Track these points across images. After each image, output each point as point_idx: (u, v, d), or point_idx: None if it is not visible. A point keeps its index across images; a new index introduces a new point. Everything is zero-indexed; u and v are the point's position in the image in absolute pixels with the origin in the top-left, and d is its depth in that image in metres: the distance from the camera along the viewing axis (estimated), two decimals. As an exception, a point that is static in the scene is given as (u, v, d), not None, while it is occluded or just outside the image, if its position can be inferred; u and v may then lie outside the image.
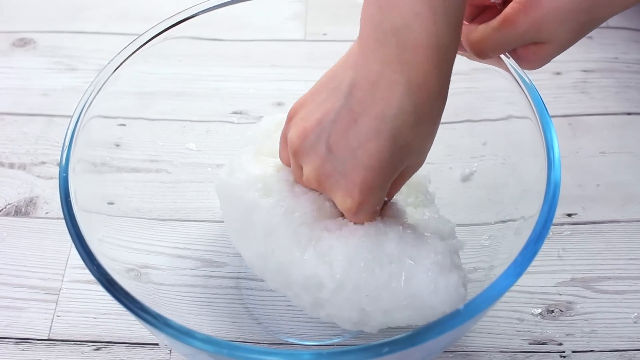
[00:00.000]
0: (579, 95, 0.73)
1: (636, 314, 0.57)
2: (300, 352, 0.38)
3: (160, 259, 0.57)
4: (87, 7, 0.83)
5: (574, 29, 0.45)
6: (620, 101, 0.72)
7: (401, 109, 0.39)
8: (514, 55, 0.49)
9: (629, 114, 0.71)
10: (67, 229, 0.44)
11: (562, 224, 0.62)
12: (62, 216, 0.45)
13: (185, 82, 0.65)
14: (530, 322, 0.57)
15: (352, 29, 0.43)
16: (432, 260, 0.45)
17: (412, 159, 0.42)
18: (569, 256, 0.61)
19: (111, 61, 0.53)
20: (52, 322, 0.57)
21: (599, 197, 0.64)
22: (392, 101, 0.39)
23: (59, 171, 0.47)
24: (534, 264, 0.41)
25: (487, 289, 0.40)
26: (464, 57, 0.51)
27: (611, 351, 0.55)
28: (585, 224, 0.63)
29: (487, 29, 0.47)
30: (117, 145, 0.59)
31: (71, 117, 0.50)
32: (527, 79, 0.49)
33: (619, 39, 0.77)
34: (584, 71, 0.75)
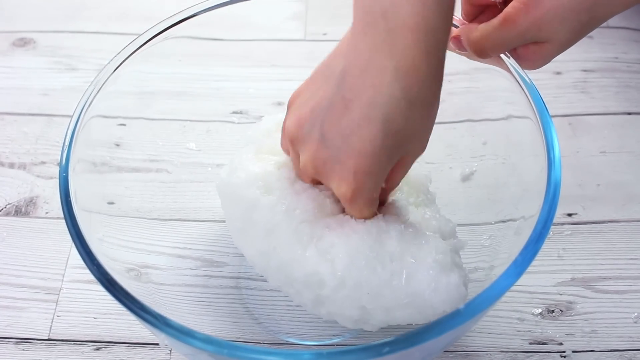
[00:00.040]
0: (579, 95, 0.73)
1: (636, 314, 0.57)
2: (300, 352, 0.38)
3: (160, 258, 0.57)
4: (87, 6, 0.83)
5: (575, 28, 0.45)
6: (620, 101, 0.72)
7: (391, 95, 0.38)
8: (515, 54, 0.49)
9: (629, 114, 0.71)
10: (67, 229, 0.44)
11: (563, 224, 0.62)
12: (62, 216, 0.45)
13: (185, 82, 0.65)
14: (530, 322, 0.57)
15: (352, 29, 0.43)
16: (434, 259, 0.45)
17: (411, 144, 0.41)
18: (569, 256, 0.60)
19: (111, 61, 0.53)
20: (52, 322, 0.57)
21: (599, 196, 0.64)
22: (381, 87, 0.38)
23: (59, 171, 0.47)
24: (534, 263, 0.41)
25: (488, 288, 0.40)
26: (464, 56, 0.51)
27: (611, 351, 0.55)
28: (585, 223, 0.63)
29: (488, 27, 0.47)
30: (117, 145, 0.59)
31: (71, 116, 0.50)
32: (527, 79, 0.49)
33: (619, 38, 0.77)
34: (584, 71, 0.75)
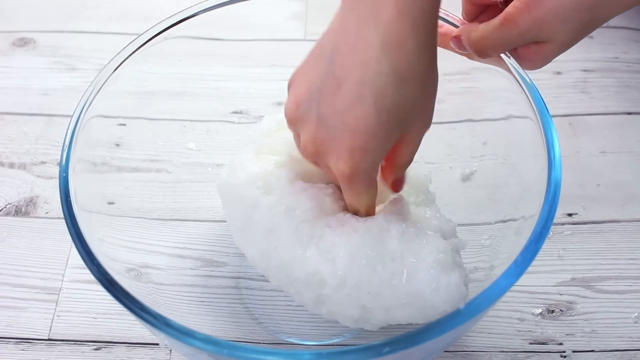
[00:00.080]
0: (579, 95, 0.73)
1: (636, 314, 0.57)
2: (300, 352, 0.38)
3: (160, 258, 0.57)
4: (87, 6, 0.83)
5: (576, 28, 0.45)
6: (620, 101, 0.72)
7: (379, 71, 0.38)
8: (515, 54, 0.49)
9: (629, 114, 0.71)
10: (67, 229, 0.44)
11: (563, 224, 0.62)
12: (62, 216, 0.45)
13: (185, 82, 0.65)
14: (530, 322, 0.57)
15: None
16: (434, 258, 0.45)
17: (410, 120, 0.41)
18: (570, 256, 0.60)
19: (111, 61, 0.53)
20: (52, 322, 0.57)
21: (599, 196, 0.64)
22: (369, 63, 0.38)
23: (59, 171, 0.47)
24: (534, 263, 0.41)
25: (488, 288, 0.40)
26: (464, 56, 0.51)
27: (611, 351, 0.55)
28: (585, 223, 0.63)
29: (488, 27, 0.47)
30: (117, 145, 0.59)
31: (71, 116, 0.50)
32: (527, 79, 0.49)
33: (619, 38, 0.77)
34: (584, 71, 0.75)
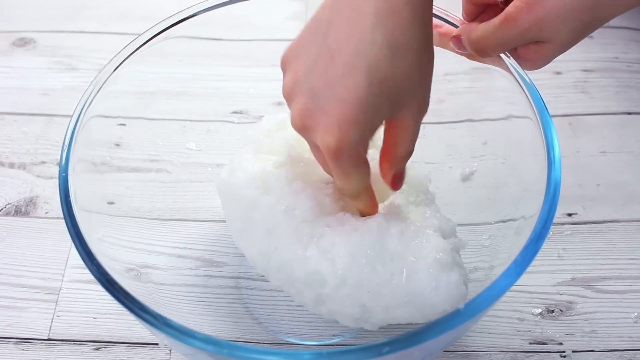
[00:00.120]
0: (579, 94, 0.73)
1: (636, 314, 0.57)
2: (300, 352, 0.38)
3: (160, 258, 0.57)
4: (87, 6, 0.83)
5: (576, 28, 0.45)
6: (620, 101, 0.72)
7: (373, 40, 0.38)
8: (515, 54, 0.49)
9: (629, 114, 0.71)
10: (67, 229, 0.44)
11: (563, 224, 0.62)
12: (62, 216, 0.45)
13: (185, 82, 0.65)
14: (530, 322, 0.57)
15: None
16: (434, 257, 0.45)
17: (403, 98, 0.40)
18: (569, 256, 0.60)
19: (111, 61, 0.53)
20: (52, 322, 0.57)
21: (599, 196, 0.64)
22: (364, 33, 0.38)
23: (59, 171, 0.47)
24: (534, 263, 0.41)
25: (488, 288, 0.40)
26: (465, 56, 0.51)
27: (611, 351, 0.55)
28: (585, 223, 0.63)
29: (488, 27, 0.47)
30: (117, 145, 0.59)
31: (71, 116, 0.50)
32: (527, 79, 0.49)
33: (619, 38, 0.77)
34: (584, 71, 0.75)
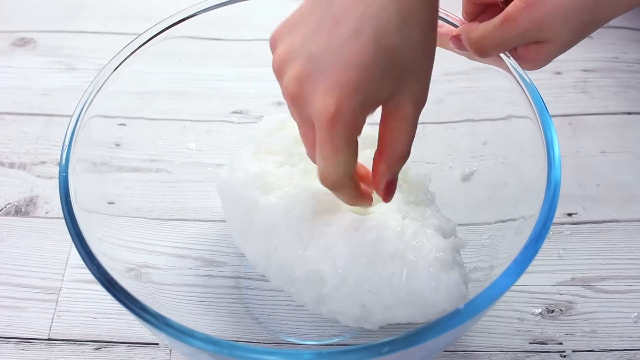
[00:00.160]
0: (579, 94, 0.73)
1: (636, 314, 0.57)
2: (300, 352, 0.38)
3: (160, 258, 0.57)
4: (87, 6, 0.83)
5: (577, 28, 0.45)
6: (620, 101, 0.72)
7: (383, 7, 0.37)
8: (515, 54, 0.49)
9: (629, 114, 0.71)
10: (67, 229, 0.44)
11: (563, 224, 0.62)
12: (62, 216, 0.45)
13: (185, 82, 0.64)
14: (530, 322, 0.57)
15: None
16: (434, 257, 0.45)
17: (406, 75, 0.39)
18: (569, 256, 0.60)
19: (111, 61, 0.53)
20: (52, 322, 0.57)
21: (599, 196, 0.64)
22: (374, 0, 0.37)
23: (59, 171, 0.47)
24: (534, 263, 0.41)
25: (488, 288, 0.40)
26: (465, 56, 0.51)
27: (611, 351, 0.55)
28: (585, 223, 0.63)
29: (489, 26, 0.47)
30: (117, 144, 0.59)
31: (71, 116, 0.50)
32: (527, 79, 0.49)
33: (619, 38, 0.77)
34: (584, 71, 0.75)
